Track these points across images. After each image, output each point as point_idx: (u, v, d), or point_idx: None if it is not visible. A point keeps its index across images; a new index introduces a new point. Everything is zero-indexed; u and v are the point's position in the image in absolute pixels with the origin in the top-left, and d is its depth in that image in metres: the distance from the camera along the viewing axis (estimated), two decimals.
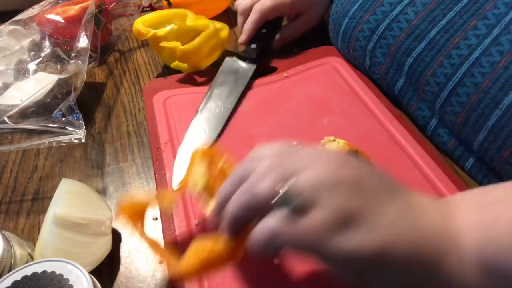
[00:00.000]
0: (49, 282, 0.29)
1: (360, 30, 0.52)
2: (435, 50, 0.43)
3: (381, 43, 0.50)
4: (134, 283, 0.37)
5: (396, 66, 0.49)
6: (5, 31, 0.62)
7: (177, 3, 0.72)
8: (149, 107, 0.53)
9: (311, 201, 0.26)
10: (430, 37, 0.44)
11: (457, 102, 0.41)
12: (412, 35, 0.46)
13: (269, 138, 0.48)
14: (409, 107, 0.50)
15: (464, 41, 0.41)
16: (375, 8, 0.50)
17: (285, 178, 0.27)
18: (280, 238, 0.26)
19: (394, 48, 0.48)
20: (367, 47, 0.52)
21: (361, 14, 0.52)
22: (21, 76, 0.58)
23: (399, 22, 0.47)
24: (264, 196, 0.27)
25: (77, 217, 0.36)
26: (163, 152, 0.46)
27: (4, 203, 0.46)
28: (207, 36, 0.57)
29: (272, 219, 0.26)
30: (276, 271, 0.35)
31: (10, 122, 0.51)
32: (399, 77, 0.49)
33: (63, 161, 0.50)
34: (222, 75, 0.56)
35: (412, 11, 0.46)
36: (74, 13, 0.62)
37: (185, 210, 0.40)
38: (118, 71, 0.65)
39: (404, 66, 0.47)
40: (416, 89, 0.47)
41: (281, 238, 0.26)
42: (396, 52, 0.48)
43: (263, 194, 0.27)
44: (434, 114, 0.46)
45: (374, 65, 0.52)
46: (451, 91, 0.42)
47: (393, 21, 0.48)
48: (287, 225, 0.26)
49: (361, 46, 0.53)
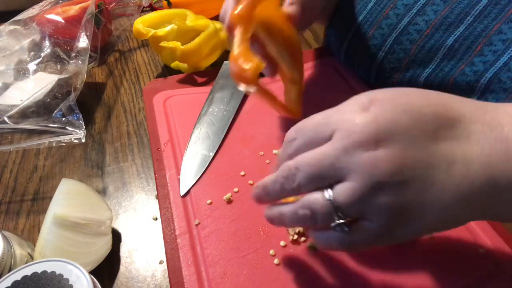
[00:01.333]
0: (49, 282, 0.29)
1: (365, 47, 0.49)
2: (456, 59, 0.41)
3: (389, 58, 0.47)
4: (134, 283, 0.38)
5: (409, 79, 0.46)
6: (5, 31, 0.61)
7: (177, 3, 0.72)
8: (149, 107, 0.53)
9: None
10: (447, 46, 0.42)
11: None
12: (426, 46, 0.43)
13: (269, 138, 0.48)
14: None
15: (489, 47, 0.39)
16: (381, 22, 0.47)
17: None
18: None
19: (407, 61, 0.45)
20: (372, 64, 0.49)
21: (365, 29, 0.49)
22: (21, 76, 0.58)
23: (409, 34, 0.45)
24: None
25: (77, 217, 0.36)
26: (163, 152, 0.46)
27: (4, 203, 0.46)
28: (207, 36, 0.57)
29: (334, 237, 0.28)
30: (276, 272, 0.35)
31: (10, 122, 0.51)
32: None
33: (63, 161, 0.50)
34: (222, 78, 0.56)
35: (422, 21, 0.43)
36: (74, 13, 0.62)
37: (185, 210, 0.40)
38: (118, 71, 0.65)
39: (419, 78, 0.45)
40: None
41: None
42: (410, 65, 0.45)
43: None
44: None
45: (383, 79, 0.49)
46: (478, 98, 0.40)
47: (402, 33, 0.45)
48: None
49: (367, 64, 0.50)
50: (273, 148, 0.46)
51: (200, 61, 0.59)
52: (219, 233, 0.38)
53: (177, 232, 0.39)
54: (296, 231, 0.38)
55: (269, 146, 0.47)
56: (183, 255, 0.37)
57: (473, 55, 0.40)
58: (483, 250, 0.36)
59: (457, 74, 0.41)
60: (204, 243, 0.38)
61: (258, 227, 0.39)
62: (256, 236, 0.38)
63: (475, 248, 0.36)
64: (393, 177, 0.24)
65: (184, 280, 0.35)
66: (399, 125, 0.25)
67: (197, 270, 0.36)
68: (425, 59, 0.44)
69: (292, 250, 0.37)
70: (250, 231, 0.38)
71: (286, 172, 0.28)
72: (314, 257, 0.36)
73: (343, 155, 0.25)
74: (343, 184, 0.26)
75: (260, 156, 0.46)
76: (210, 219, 0.40)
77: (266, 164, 0.45)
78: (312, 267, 0.35)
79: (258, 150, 0.46)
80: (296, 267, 0.36)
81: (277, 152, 0.46)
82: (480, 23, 0.40)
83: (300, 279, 0.35)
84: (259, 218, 0.39)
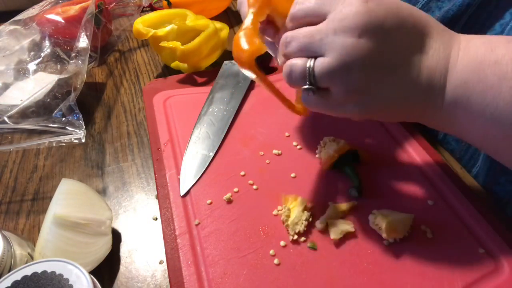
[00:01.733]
0: (49, 282, 0.29)
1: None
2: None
3: None
4: (134, 283, 0.38)
5: None
6: (5, 31, 0.61)
7: (177, 3, 0.72)
8: (149, 107, 0.53)
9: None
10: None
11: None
12: None
13: (269, 138, 0.48)
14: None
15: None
16: None
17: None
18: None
19: None
20: None
21: None
22: (21, 76, 0.58)
23: None
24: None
25: (77, 217, 0.36)
26: (163, 152, 0.46)
27: (4, 203, 0.46)
28: (207, 36, 0.57)
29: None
30: (276, 272, 0.35)
31: (10, 122, 0.51)
32: None
33: (63, 161, 0.50)
34: (222, 78, 0.56)
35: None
36: (74, 13, 0.62)
37: (185, 210, 0.40)
38: (118, 71, 0.65)
39: None
40: None
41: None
42: None
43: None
44: None
45: None
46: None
47: None
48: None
49: None
50: (273, 148, 0.46)
51: (200, 61, 0.59)
52: (219, 233, 0.38)
53: (177, 232, 0.39)
54: (296, 231, 0.38)
55: (269, 146, 0.47)
56: (183, 255, 0.37)
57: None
58: (483, 250, 0.36)
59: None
60: (204, 243, 0.38)
61: (258, 227, 0.39)
62: (256, 236, 0.38)
63: (475, 248, 0.36)
64: (361, 66, 0.30)
65: (184, 280, 0.35)
66: (385, 24, 0.30)
67: (197, 270, 0.36)
68: None
69: (292, 250, 0.37)
70: (250, 231, 0.38)
71: (283, 39, 0.33)
72: (314, 257, 0.36)
73: (331, 34, 0.30)
74: (323, 58, 0.30)
75: (260, 156, 0.46)
76: (210, 219, 0.40)
77: (266, 164, 0.45)
78: (312, 267, 0.35)
79: (258, 150, 0.46)
80: (296, 267, 0.36)
81: (277, 152, 0.46)
82: (483, 11, 0.41)
83: (300, 279, 0.35)
84: (259, 218, 0.39)
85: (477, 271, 0.34)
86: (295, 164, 0.45)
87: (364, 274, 0.35)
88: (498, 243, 0.36)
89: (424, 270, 0.35)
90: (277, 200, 0.41)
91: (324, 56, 0.30)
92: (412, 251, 0.36)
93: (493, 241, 0.36)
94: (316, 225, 0.38)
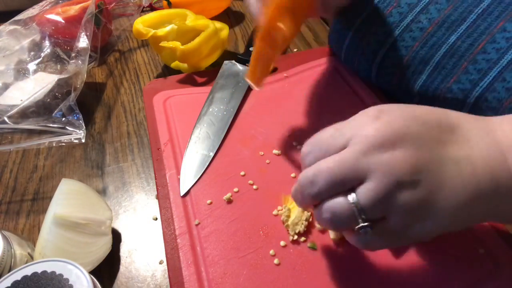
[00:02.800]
0: (49, 282, 0.29)
1: (367, 44, 0.49)
2: (457, 56, 0.42)
3: (391, 55, 0.47)
4: (134, 283, 0.38)
5: (411, 76, 0.46)
6: (5, 31, 0.61)
7: (177, 3, 0.72)
8: (149, 107, 0.53)
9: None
10: (450, 44, 0.42)
11: (487, 108, 0.40)
12: (428, 43, 0.44)
13: (269, 138, 0.48)
14: None
15: (492, 44, 0.39)
16: (384, 20, 0.47)
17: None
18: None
19: (408, 58, 0.46)
20: (374, 61, 0.49)
21: (367, 27, 0.49)
22: (21, 76, 0.58)
23: (412, 31, 0.45)
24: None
25: (77, 217, 0.36)
26: (163, 152, 0.46)
27: (4, 203, 0.46)
28: (207, 36, 0.57)
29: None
30: (276, 272, 0.35)
31: (10, 122, 0.51)
32: (414, 87, 0.47)
33: (63, 161, 0.50)
34: (222, 78, 0.56)
35: (426, 19, 0.44)
36: (74, 13, 0.62)
37: (185, 210, 0.40)
38: (118, 71, 0.65)
39: (421, 75, 0.45)
40: (436, 97, 0.45)
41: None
42: (411, 62, 0.45)
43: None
44: None
45: (383, 77, 0.50)
46: (478, 97, 0.40)
47: (405, 31, 0.45)
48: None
49: (368, 61, 0.50)
50: (273, 148, 0.46)
51: (200, 61, 0.59)
52: (219, 233, 0.38)
53: (177, 232, 0.39)
54: (296, 231, 0.38)
55: (269, 146, 0.47)
56: (183, 255, 0.37)
57: (475, 53, 0.40)
58: (483, 250, 0.36)
59: (460, 72, 0.41)
60: (204, 243, 0.38)
61: (258, 227, 0.39)
62: (256, 236, 0.38)
63: (475, 248, 0.36)
64: (411, 176, 0.26)
65: (184, 280, 0.35)
66: (410, 128, 0.27)
67: (197, 270, 0.36)
68: (426, 56, 0.44)
69: (292, 250, 0.37)
70: (250, 231, 0.38)
71: (305, 179, 0.29)
72: (314, 257, 0.36)
73: (362, 157, 0.26)
74: (364, 185, 0.26)
75: (260, 156, 0.46)
76: (210, 219, 0.40)
77: (266, 164, 0.45)
78: (312, 267, 0.35)
79: (258, 150, 0.46)
80: (296, 267, 0.36)
81: (277, 152, 0.46)
82: (484, 21, 0.40)
83: (300, 279, 0.35)
84: (259, 218, 0.39)
85: (477, 271, 0.34)
86: (295, 164, 0.45)
87: (364, 274, 0.35)
88: (498, 243, 0.36)
89: (424, 270, 0.35)
90: (277, 200, 0.41)
91: (364, 183, 0.26)
92: (412, 251, 0.36)
93: (493, 241, 0.36)
94: (316, 225, 0.38)
